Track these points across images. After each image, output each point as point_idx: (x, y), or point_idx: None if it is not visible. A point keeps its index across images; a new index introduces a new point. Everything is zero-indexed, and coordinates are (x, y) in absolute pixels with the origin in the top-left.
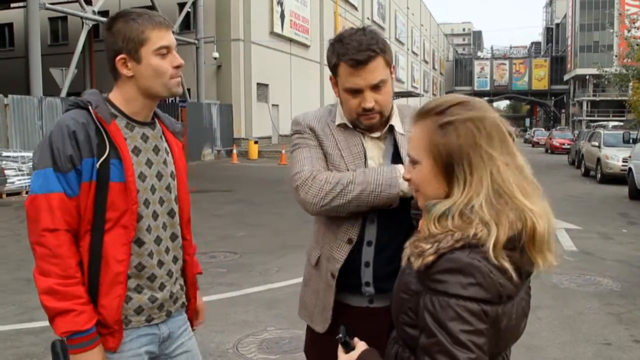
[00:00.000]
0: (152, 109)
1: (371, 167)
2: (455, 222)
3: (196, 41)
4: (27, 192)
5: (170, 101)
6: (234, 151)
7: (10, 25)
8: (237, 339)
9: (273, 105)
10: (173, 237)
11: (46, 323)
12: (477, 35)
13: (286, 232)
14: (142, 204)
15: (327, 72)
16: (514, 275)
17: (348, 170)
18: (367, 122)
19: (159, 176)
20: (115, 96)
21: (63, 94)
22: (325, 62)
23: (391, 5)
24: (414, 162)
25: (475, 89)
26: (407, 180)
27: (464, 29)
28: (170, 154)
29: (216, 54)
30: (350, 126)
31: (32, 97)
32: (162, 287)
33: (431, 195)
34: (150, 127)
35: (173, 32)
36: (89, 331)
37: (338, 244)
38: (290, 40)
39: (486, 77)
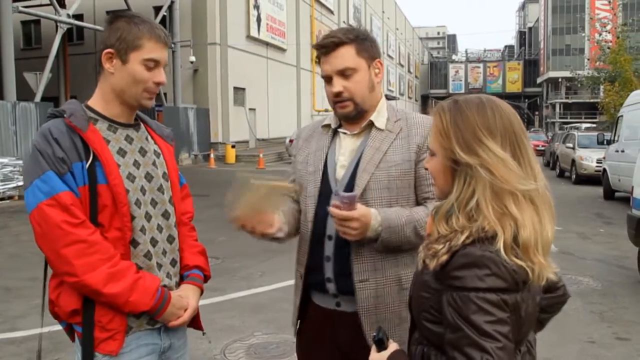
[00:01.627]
0: (131, 113)
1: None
2: (462, 222)
3: (172, 45)
4: (1, 199)
5: None
6: (211, 155)
7: None
8: (224, 344)
9: (250, 109)
10: (170, 239)
11: (28, 332)
12: (452, 39)
13: None
14: (134, 204)
15: (304, 76)
16: (529, 274)
17: (307, 171)
18: (340, 111)
19: (149, 177)
20: (95, 100)
21: (37, 98)
22: (302, 65)
23: (367, 9)
24: (431, 154)
25: (450, 91)
26: (426, 169)
27: (438, 33)
28: (161, 156)
29: (193, 58)
30: (334, 125)
31: (6, 102)
32: (164, 287)
33: (442, 188)
34: (134, 128)
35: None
36: (161, 287)
37: (303, 243)
38: (267, 44)
39: (461, 80)
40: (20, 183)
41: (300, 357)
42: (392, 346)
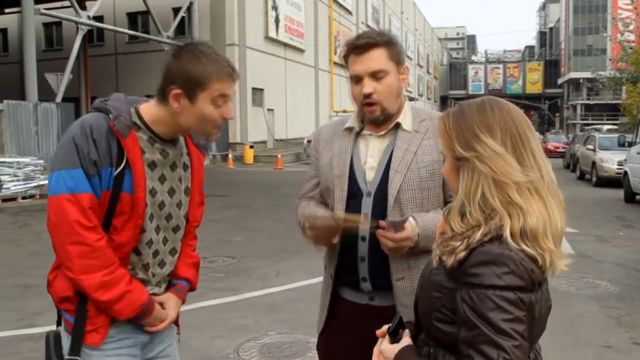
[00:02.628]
0: (179, 135)
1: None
2: (476, 217)
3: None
4: (23, 198)
5: None
6: (230, 156)
7: (4, 31)
8: (238, 343)
9: (268, 109)
10: (172, 252)
11: (46, 328)
12: (471, 40)
13: (284, 236)
14: (148, 219)
15: (322, 76)
16: (539, 260)
17: (332, 174)
18: (370, 116)
19: (171, 192)
20: (148, 110)
21: (58, 99)
22: (320, 66)
23: (385, 10)
24: (443, 159)
25: (470, 92)
26: (442, 173)
27: (458, 33)
28: (189, 170)
29: None
30: (357, 128)
31: (28, 103)
32: (152, 295)
33: (454, 188)
34: (173, 143)
35: (146, 30)
36: (146, 300)
37: (333, 246)
38: (285, 44)
39: (480, 81)
40: (42, 182)
41: (325, 355)
42: (405, 340)
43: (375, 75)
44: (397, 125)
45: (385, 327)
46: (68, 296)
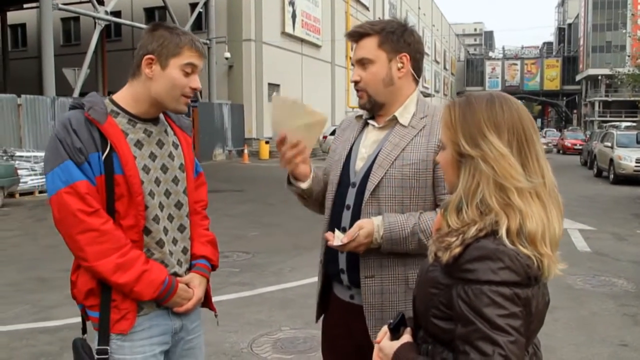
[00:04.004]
0: (156, 114)
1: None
2: (471, 215)
3: (208, 41)
4: (40, 192)
5: None
6: (245, 151)
7: (23, 26)
8: (252, 338)
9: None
10: (181, 229)
11: (61, 322)
12: (489, 36)
13: (299, 232)
14: (147, 195)
15: (338, 72)
16: (535, 262)
17: (333, 161)
18: (359, 102)
19: (164, 169)
20: (122, 96)
21: (76, 94)
22: (336, 62)
23: (402, 6)
24: (442, 147)
25: (487, 88)
26: (437, 163)
27: (475, 29)
28: (179, 147)
29: (228, 54)
30: (365, 117)
31: (45, 97)
32: (174, 275)
33: (450, 181)
34: (153, 122)
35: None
36: (167, 279)
37: (323, 232)
38: (302, 40)
39: (497, 78)
40: None
41: (323, 348)
42: (405, 337)
43: (361, 63)
44: (396, 119)
45: (386, 325)
46: (91, 288)
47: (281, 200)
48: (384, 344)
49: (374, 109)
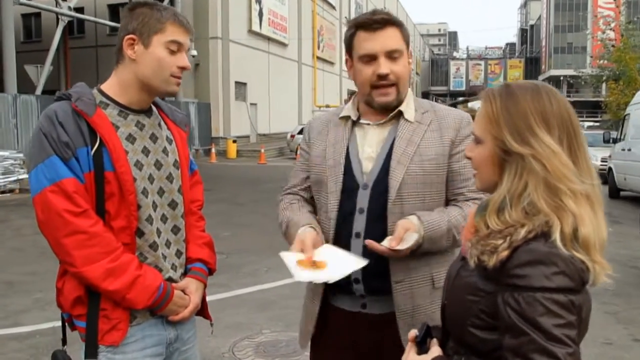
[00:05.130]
0: (148, 100)
1: (359, 158)
2: (515, 216)
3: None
4: (2, 192)
5: None
6: (213, 150)
7: None
8: (232, 342)
9: (251, 104)
10: (175, 230)
11: (31, 327)
12: (453, 36)
13: (272, 231)
14: (140, 193)
15: (305, 71)
16: (590, 269)
17: (326, 165)
18: (381, 99)
19: (158, 165)
20: (110, 85)
21: (38, 91)
22: (303, 60)
23: (368, 5)
24: (477, 141)
25: (451, 88)
26: (469, 158)
27: (439, 30)
28: (173, 143)
29: (194, 52)
30: (354, 117)
31: (7, 95)
32: (169, 280)
33: (487, 179)
34: (146, 114)
35: (190, 40)
36: (162, 285)
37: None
38: (269, 38)
39: (462, 78)
40: (22, 176)
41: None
42: (434, 350)
43: (392, 55)
44: (398, 115)
45: (412, 334)
46: (79, 296)
47: (251, 200)
48: (412, 357)
49: (395, 106)
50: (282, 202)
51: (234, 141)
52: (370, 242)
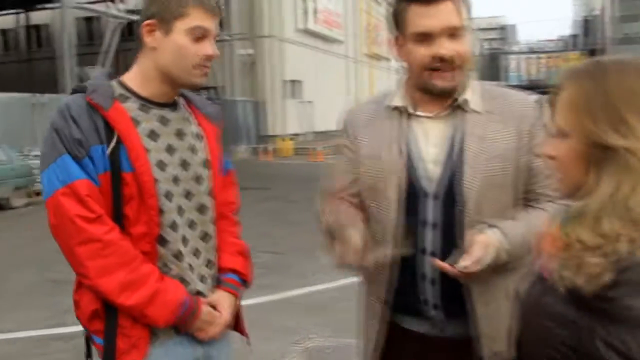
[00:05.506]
0: (172, 92)
1: (418, 154)
2: (618, 227)
3: (229, 38)
4: None
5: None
6: (268, 148)
7: (43, 26)
8: (280, 347)
9: (306, 101)
10: (205, 237)
11: (75, 328)
12: (509, 29)
13: None
14: (163, 196)
15: (360, 67)
16: None
17: (382, 168)
18: (442, 83)
19: (184, 165)
20: (131, 76)
21: None
22: (358, 57)
23: None
24: (561, 135)
25: (509, 83)
26: (551, 157)
27: (495, 23)
28: (203, 140)
29: (250, 51)
30: (410, 107)
31: (61, 96)
32: (196, 294)
33: (574, 182)
34: (172, 108)
35: (220, 25)
36: (186, 299)
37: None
38: (323, 36)
39: (519, 72)
40: None
41: None
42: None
43: (453, 33)
44: (462, 104)
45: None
46: (96, 310)
47: (306, 198)
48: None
49: (454, 93)
50: (327, 206)
51: (290, 139)
52: (438, 263)
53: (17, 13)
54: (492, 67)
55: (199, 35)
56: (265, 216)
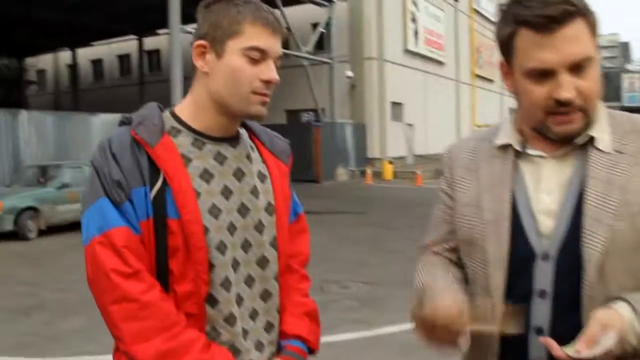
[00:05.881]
0: (230, 125)
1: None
2: None
3: (330, 60)
4: None
5: (303, 120)
6: (368, 171)
7: (157, 51)
8: None
9: (408, 124)
10: (265, 296)
11: None
12: (625, 47)
13: None
14: (215, 249)
15: (463, 90)
16: None
17: (482, 219)
18: (560, 129)
19: (243, 210)
20: (184, 106)
21: None
22: (461, 79)
23: None
24: None
25: (624, 104)
26: None
27: (610, 41)
28: (267, 179)
29: (350, 73)
30: (518, 146)
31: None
32: None
33: None
34: (231, 143)
35: (286, 46)
36: None
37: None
38: (425, 57)
39: (636, 92)
40: None
41: None
42: None
43: (578, 67)
44: (588, 142)
45: None
46: None
47: (405, 225)
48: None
49: (575, 137)
50: (421, 262)
51: (390, 162)
52: (548, 342)
53: (131, 40)
54: (608, 87)
55: (257, 57)
56: (362, 243)
